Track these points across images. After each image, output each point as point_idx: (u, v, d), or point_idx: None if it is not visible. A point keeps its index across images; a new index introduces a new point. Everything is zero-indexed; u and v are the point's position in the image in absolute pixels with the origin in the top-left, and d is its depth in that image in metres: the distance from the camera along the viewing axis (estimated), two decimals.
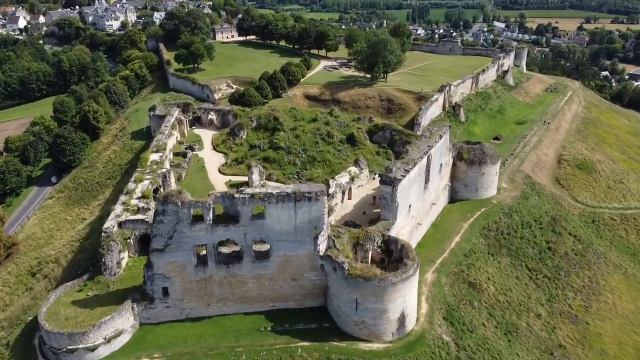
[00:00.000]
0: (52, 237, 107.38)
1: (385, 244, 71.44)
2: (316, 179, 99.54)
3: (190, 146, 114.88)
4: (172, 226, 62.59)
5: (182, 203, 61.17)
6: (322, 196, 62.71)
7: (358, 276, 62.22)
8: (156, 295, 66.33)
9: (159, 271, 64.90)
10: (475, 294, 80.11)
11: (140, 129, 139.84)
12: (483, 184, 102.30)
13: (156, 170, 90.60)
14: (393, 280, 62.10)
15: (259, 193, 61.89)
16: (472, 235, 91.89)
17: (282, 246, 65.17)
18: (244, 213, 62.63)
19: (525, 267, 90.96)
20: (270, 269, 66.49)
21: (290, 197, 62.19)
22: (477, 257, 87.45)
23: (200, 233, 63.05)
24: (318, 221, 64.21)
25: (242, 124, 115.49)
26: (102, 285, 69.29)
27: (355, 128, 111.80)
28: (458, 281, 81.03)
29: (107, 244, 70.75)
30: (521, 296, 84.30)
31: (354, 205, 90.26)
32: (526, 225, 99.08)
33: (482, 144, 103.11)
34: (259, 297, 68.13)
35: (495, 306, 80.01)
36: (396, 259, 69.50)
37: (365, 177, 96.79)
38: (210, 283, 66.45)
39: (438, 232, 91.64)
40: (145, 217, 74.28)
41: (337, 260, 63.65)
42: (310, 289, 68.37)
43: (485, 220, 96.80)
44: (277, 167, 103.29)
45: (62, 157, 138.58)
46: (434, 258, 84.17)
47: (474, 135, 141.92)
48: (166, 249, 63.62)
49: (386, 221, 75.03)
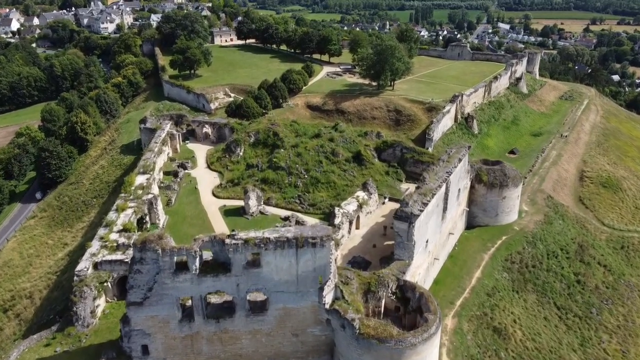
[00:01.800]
0: (30, 265, 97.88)
1: (401, 290, 61.80)
2: (320, 202, 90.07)
3: (183, 164, 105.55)
4: (152, 276, 53.07)
5: (163, 250, 51.63)
6: (328, 242, 53.16)
7: (371, 336, 52.62)
8: (134, 354, 56.83)
9: (137, 327, 55.39)
10: (501, 341, 70.53)
11: (130, 142, 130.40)
12: (504, 208, 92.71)
13: (142, 196, 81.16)
14: (412, 341, 52.49)
15: (253, 238, 52.32)
16: (495, 270, 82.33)
17: (281, 298, 55.65)
18: (236, 261, 53.10)
19: (553, 305, 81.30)
20: (267, 323, 56.95)
21: (290, 243, 52.65)
22: (501, 295, 77.87)
23: (185, 284, 53.53)
24: (324, 270, 54.66)
25: (239, 140, 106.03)
26: (72, 338, 60.04)
27: (362, 145, 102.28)
28: (481, 327, 71.46)
29: (79, 289, 61.45)
30: (551, 341, 74.66)
31: (362, 237, 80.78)
32: (552, 255, 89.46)
33: (503, 165, 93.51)
34: (254, 355, 58.59)
35: (523, 355, 70.40)
36: (413, 309, 59.88)
37: (374, 203, 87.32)
38: (197, 340, 56.93)
39: (456, 266, 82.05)
40: (125, 256, 64.89)
41: (346, 317, 54.07)
42: (314, 345, 58.84)
43: (508, 250, 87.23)
44: (276, 190, 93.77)
45: (47, 172, 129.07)
46: (453, 298, 74.62)
47: (488, 149, 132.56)
48: (145, 302, 54.09)
49: (401, 262, 65.49)
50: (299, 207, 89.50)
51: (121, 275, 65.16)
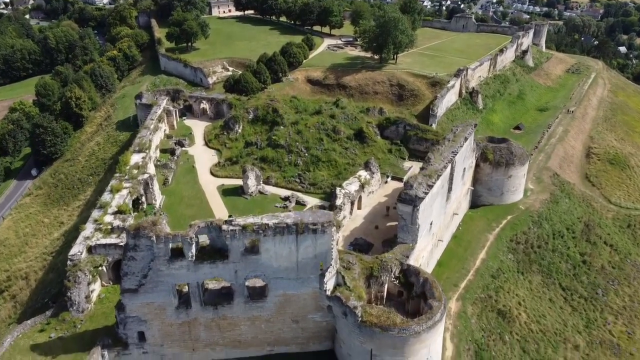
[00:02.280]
0: (25, 245, 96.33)
1: (405, 274, 59.99)
2: (321, 182, 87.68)
3: (180, 141, 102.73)
4: (147, 263, 51.11)
5: (158, 237, 49.50)
6: (329, 227, 50.96)
7: (374, 324, 50.96)
8: (130, 340, 55.39)
9: (133, 314, 53.75)
10: (505, 324, 69.14)
11: (126, 117, 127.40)
12: (509, 187, 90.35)
13: (137, 176, 78.65)
14: (416, 329, 50.86)
15: (252, 224, 50.09)
16: (499, 251, 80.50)
17: (281, 284, 53.82)
18: (234, 248, 51.02)
19: (558, 286, 79.71)
20: (267, 309, 55.30)
21: (290, 229, 50.46)
22: (506, 277, 76.22)
23: (180, 271, 51.61)
24: (325, 256, 52.65)
25: (238, 117, 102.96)
26: (67, 324, 58.32)
27: (364, 122, 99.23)
28: (486, 310, 69.97)
29: (73, 274, 59.55)
30: (556, 323, 73.29)
31: (364, 217, 78.65)
32: (558, 235, 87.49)
33: (509, 142, 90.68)
34: (253, 341, 57.18)
35: (528, 338, 69.08)
36: (417, 294, 58.14)
37: (376, 182, 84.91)
38: (195, 326, 55.39)
39: (460, 246, 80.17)
40: (120, 240, 62.76)
41: (347, 304, 52.32)
42: (315, 331, 57.33)
43: (513, 230, 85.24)
44: (276, 169, 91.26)
45: (42, 149, 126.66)
46: (457, 281, 72.97)
47: (493, 125, 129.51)
48: (140, 289, 52.29)
49: (404, 245, 63.46)
50: (299, 186, 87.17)
51: (116, 259, 63.19)
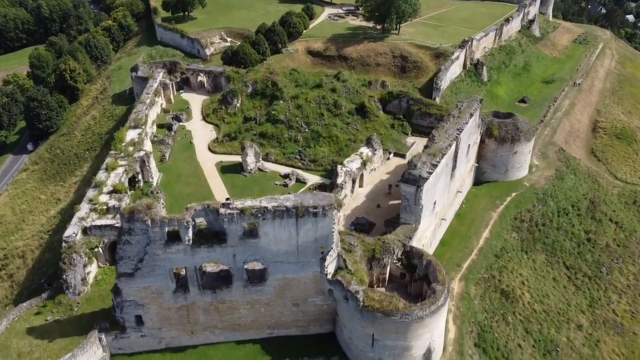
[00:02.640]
0: (22, 222, 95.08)
1: (407, 256, 58.68)
2: (321, 158, 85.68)
3: (177, 116, 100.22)
4: (142, 247, 49.66)
5: (153, 221, 47.87)
6: (330, 211, 49.27)
7: (376, 309, 49.85)
8: (128, 324, 54.49)
9: (130, 298, 52.66)
10: (508, 305, 68.23)
11: (122, 90, 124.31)
12: (514, 164, 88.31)
13: (133, 154, 76.64)
14: (419, 314, 49.77)
15: (250, 208, 48.38)
16: (503, 229, 79.07)
17: (280, 268, 52.53)
18: (232, 232, 49.47)
19: (562, 265, 78.55)
20: (266, 293, 54.17)
21: (290, 213, 48.79)
22: (510, 257, 74.99)
23: (177, 255, 50.21)
24: (326, 240, 51.15)
25: (236, 91, 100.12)
26: (64, 307, 57.40)
27: (366, 96, 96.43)
28: (489, 290, 68.98)
29: (68, 257, 58.27)
30: (560, 303, 72.42)
31: (366, 196, 76.99)
32: (562, 213, 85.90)
33: (515, 117, 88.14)
34: (253, 324, 56.29)
35: (531, 318, 68.29)
36: (420, 277, 56.93)
37: (378, 159, 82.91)
38: (193, 310, 54.38)
39: (463, 225, 78.70)
40: (116, 221, 61.21)
41: (349, 289, 51.08)
42: (315, 314, 56.38)
43: (517, 208, 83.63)
44: (275, 145, 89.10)
45: (37, 123, 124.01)
46: (460, 261, 71.76)
47: (497, 98, 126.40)
48: (136, 273, 51.02)
49: (407, 226, 61.95)
50: (300, 163, 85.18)
51: (112, 240, 61.79)
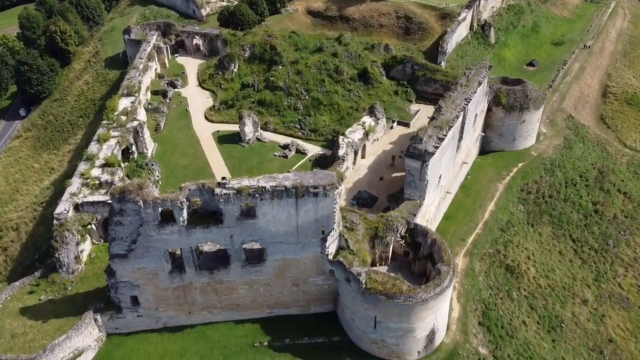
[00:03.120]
0: (16, 192, 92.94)
1: (411, 234, 56.66)
2: (322, 128, 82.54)
3: (172, 82, 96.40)
4: (135, 228, 47.52)
5: (145, 202, 45.50)
6: (332, 191, 46.79)
7: (378, 292, 48.13)
8: (124, 305, 53.05)
9: (124, 279, 50.97)
10: (513, 280, 66.75)
11: (115, 54, 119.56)
12: (522, 133, 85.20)
13: (126, 124, 73.55)
14: (424, 297, 48.10)
15: (247, 188, 45.89)
16: (509, 202, 76.83)
17: (280, 249, 50.55)
18: (228, 212, 47.19)
19: (569, 238, 76.70)
20: (265, 274, 52.41)
21: (289, 193, 46.35)
22: (516, 230, 73.05)
23: (172, 236, 48.12)
24: (327, 220, 48.94)
25: (233, 55, 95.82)
26: (57, 286, 55.88)
27: (369, 61, 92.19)
28: (494, 266, 67.35)
29: (60, 235, 56.24)
30: (565, 277, 70.98)
31: (368, 168, 74.39)
32: (570, 184, 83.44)
33: (525, 84, 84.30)
34: (252, 304, 54.84)
35: (536, 294, 66.94)
36: (424, 255, 55.07)
37: (381, 128, 79.82)
38: (190, 290, 52.78)
39: (469, 197, 76.43)
40: (109, 197, 58.75)
41: (351, 271, 49.22)
42: (316, 294, 54.84)
43: (524, 179, 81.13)
44: (274, 113, 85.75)
45: (29, 88, 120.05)
46: (465, 235, 69.87)
47: (505, 61, 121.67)
48: (130, 255, 49.09)
49: (412, 202, 59.65)
50: (299, 132, 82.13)
51: (106, 217, 59.55)
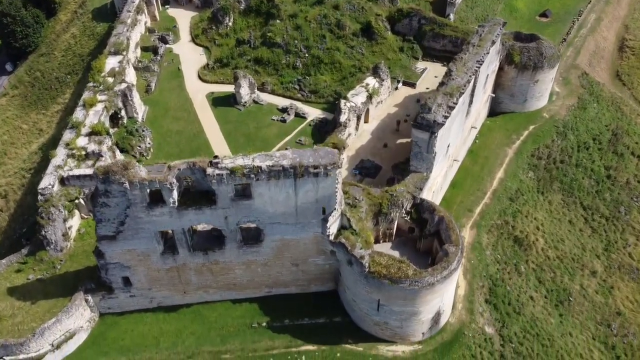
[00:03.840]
0: (4, 155, 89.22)
1: (417, 209, 53.51)
2: (323, 89, 77.76)
3: (163, 37, 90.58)
4: (122, 210, 44.33)
5: (131, 183, 42.04)
6: (333, 170, 43.20)
7: (382, 276, 45.53)
8: (115, 285, 50.73)
9: (114, 260, 48.34)
10: (522, 253, 64.30)
11: (103, 4, 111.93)
12: (534, 93, 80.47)
13: (113, 86, 68.89)
14: (430, 280, 45.55)
15: (241, 167, 42.28)
16: (519, 168, 73.31)
17: (278, 229, 47.56)
18: (221, 193, 43.83)
19: (579, 206, 73.70)
20: (263, 254, 49.71)
21: (287, 173, 42.80)
22: (525, 199, 69.96)
23: (162, 218, 45.01)
24: (328, 200, 45.63)
25: (227, 8, 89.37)
26: (46, 264, 53.38)
27: (373, 14, 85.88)
28: (502, 238, 64.72)
29: (46, 211, 53.15)
30: (574, 248, 68.54)
31: (371, 133, 70.41)
32: (583, 148, 79.55)
33: (539, 41, 78.63)
34: (250, 284, 52.52)
35: (544, 266, 64.67)
36: (430, 233, 52.16)
37: (386, 90, 75.12)
38: (184, 271, 50.28)
39: (476, 164, 72.85)
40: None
41: (353, 253, 46.40)
42: (316, 273, 52.40)
43: (535, 144, 77.25)
44: (272, 72, 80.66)
45: (13, 41, 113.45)
46: (472, 205, 66.83)
47: (516, 12, 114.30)
48: (119, 236, 46.17)
49: (418, 174, 56.17)
50: (299, 94, 77.44)
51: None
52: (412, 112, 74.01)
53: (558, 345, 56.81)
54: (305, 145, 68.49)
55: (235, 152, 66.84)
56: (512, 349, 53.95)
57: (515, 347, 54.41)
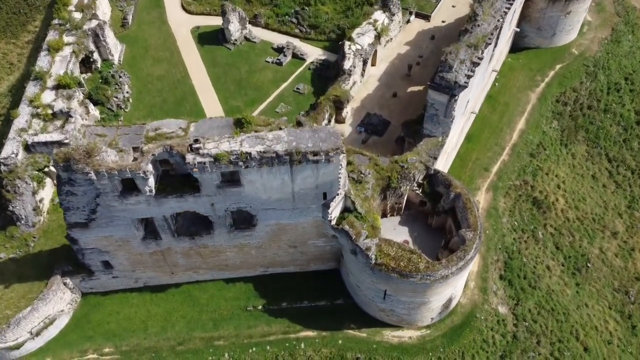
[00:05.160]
0: None
1: (430, 181, 47.41)
2: (324, 22, 68.02)
3: None
4: (92, 198, 38.24)
5: (97, 173, 35.53)
6: (336, 156, 36.47)
7: (391, 269, 40.48)
8: (95, 268, 46.01)
9: (90, 246, 43.13)
10: (540, 217, 59.00)
11: None
12: (564, 26, 70.73)
13: (82, 24, 59.68)
14: (444, 273, 40.59)
15: (227, 154, 35.52)
16: (543, 117, 65.98)
17: (273, 215, 41.76)
18: (205, 182, 37.49)
19: (604, 158, 67.20)
20: (257, 238, 44.35)
21: (282, 160, 36.11)
22: (547, 154, 63.42)
23: (139, 206, 39.03)
24: (330, 186, 39.36)
25: None
26: (18, 241, 48.33)
27: None
28: (519, 201, 59.09)
29: (11, 184, 47.13)
30: (596, 206, 63.15)
31: (379, 79, 62.30)
32: (613, 89, 71.38)
33: None
34: (243, 265, 47.77)
35: (563, 230, 59.68)
36: (444, 210, 46.44)
37: (396, 25, 65.59)
38: (170, 254, 45.25)
39: (495, 112, 65.39)
40: (65, 136, 48.43)
41: (358, 244, 40.97)
42: (317, 254, 47.41)
43: (561, 87, 69.18)
44: (266, 1, 70.25)
45: None
46: (489, 163, 60.46)
47: None
48: (91, 224, 40.54)
49: (432, 140, 49.22)
50: (297, 29, 67.79)
51: None
52: (425, 53, 65.34)
53: (573, 320, 53.36)
54: (304, 94, 60.76)
55: (226, 103, 60.15)
56: (525, 329, 50.44)
57: (529, 325, 50.89)
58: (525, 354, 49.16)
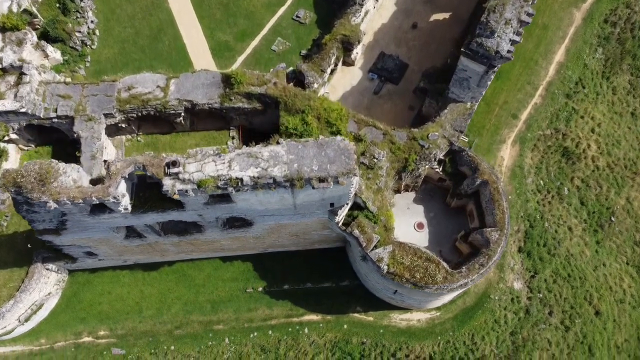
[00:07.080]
0: None
1: (453, 159, 40.93)
2: None
3: None
4: (57, 214, 32.47)
5: (58, 202, 29.27)
6: (348, 178, 29.78)
7: (405, 280, 36.22)
8: (78, 256, 41.87)
9: (67, 244, 38.40)
10: (568, 169, 53.03)
11: None
12: None
13: None
14: (463, 282, 36.54)
15: (212, 180, 28.85)
16: (586, 44, 56.12)
17: (272, 218, 36.17)
18: (190, 202, 31.32)
19: None
20: (254, 233, 39.29)
21: (280, 185, 29.54)
22: (586, 92, 55.11)
23: (115, 220, 33.38)
24: (339, 199, 33.24)
25: None
26: None
27: None
28: (548, 154, 52.61)
29: None
30: (630, 150, 56.47)
31: (396, 3, 51.27)
32: None
33: None
34: (240, 249, 43.46)
35: (590, 182, 54.14)
36: (467, 193, 40.73)
37: None
38: (159, 245, 40.64)
39: (531, 37, 55.38)
40: (22, 104, 40.40)
41: (368, 254, 36.07)
42: (320, 240, 42.74)
43: (611, 3, 57.88)
44: None
45: None
46: (518, 108, 52.63)
47: None
48: (63, 232, 35.30)
49: (459, 106, 41.36)
50: None
51: (29, 122, 42.44)
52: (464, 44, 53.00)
53: (588, 284, 50.90)
54: (306, 24, 50.46)
55: (212, 37, 50.61)
56: (539, 301, 48.11)
57: (543, 296, 48.47)
58: (536, 327, 47.54)
